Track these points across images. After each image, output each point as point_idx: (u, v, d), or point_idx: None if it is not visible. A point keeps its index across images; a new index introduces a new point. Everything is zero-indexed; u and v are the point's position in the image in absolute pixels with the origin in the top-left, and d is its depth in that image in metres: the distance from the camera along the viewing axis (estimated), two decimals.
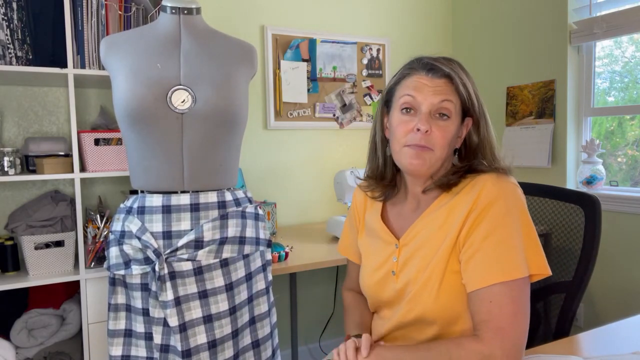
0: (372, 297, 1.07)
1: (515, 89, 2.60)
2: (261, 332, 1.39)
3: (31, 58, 1.71)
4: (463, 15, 2.94)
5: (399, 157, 0.97)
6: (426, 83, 0.94)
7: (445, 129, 0.94)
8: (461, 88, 0.94)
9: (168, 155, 1.30)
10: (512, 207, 0.89)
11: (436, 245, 0.95)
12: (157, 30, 1.36)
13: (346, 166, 2.68)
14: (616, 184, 2.28)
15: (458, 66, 0.97)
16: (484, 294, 0.86)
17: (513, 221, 0.88)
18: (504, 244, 0.87)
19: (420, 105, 0.94)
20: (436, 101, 0.93)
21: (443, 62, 0.96)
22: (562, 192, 1.32)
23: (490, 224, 0.88)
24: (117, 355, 1.31)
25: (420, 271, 0.95)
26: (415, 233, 0.99)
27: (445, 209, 0.96)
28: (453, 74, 0.94)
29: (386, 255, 1.03)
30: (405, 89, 0.97)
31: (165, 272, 1.24)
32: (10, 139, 1.93)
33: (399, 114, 0.97)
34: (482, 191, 0.91)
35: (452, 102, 0.94)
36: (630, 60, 2.23)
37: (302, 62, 2.53)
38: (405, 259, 0.99)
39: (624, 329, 1.05)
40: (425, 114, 0.93)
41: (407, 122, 0.95)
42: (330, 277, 2.67)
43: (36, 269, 1.69)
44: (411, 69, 0.98)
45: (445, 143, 0.94)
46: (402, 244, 1.01)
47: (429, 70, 0.95)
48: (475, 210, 0.90)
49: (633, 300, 2.13)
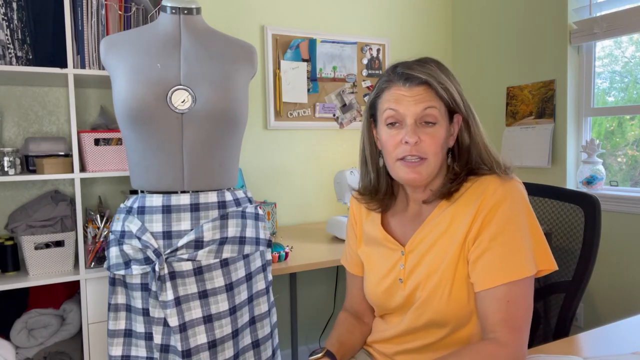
0: (379, 305, 1.06)
1: (515, 89, 2.60)
2: (261, 332, 1.39)
3: (31, 58, 1.71)
4: (463, 15, 2.94)
5: (394, 171, 0.97)
6: (405, 94, 0.93)
7: (434, 135, 0.92)
8: (441, 92, 0.93)
9: (168, 155, 1.30)
10: (518, 207, 0.90)
11: (443, 249, 0.94)
12: (157, 30, 1.36)
13: (346, 166, 2.68)
14: (616, 184, 2.28)
15: (435, 67, 0.94)
16: (500, 292, 0.86)
17: (520, 221, 0.89)
18: (512, 243, 0.88)
19: (405, 117, 0.93)
20: (419, 110, 0.91)
21: (418, 68, 0.93)
22: (562, 192, 1.32)
23: (498, 224, 0.89)
24: (117, 355, 1.31)
25: (429, 276, 0.95)
26: (420, 239, 0.99)
27: (449, 212, 0.96)
28: (430, 79, 0.92)
29: (392, 263, 1.02)
30: (386, 102, 0.95)
31: (165, 272, 1.24)
32: (10, 139, 1.93)
33: (385, 128, 0.96)
34: (487, 193, 0.91)
35: (435, 107, 0.92)
36: (630, 60, 2.23)
37: (302, 62, 2.53)
38: (412, 265, 0.99)
39: (624, 329, 1.05)
40: (411, 125, 0.92)
41: (395, 136, 0.94)
42: (330, 277, 2.66)
43: (36, 269, 1.69)
44: (388, 82, 0.96)
45: (437, 149, 0.93)
46: (408, 251, 1.00)
47: (406, 80, 0.93)
48: (482, 213, 0.90)
49: (633, 300, 2.12)
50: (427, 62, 0.95)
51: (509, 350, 0.83)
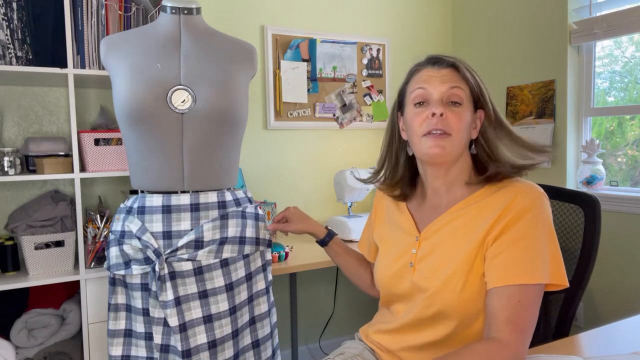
0: (386, 289, 1.08)
1: (515, 89, 2.60)
2: (261, 332, 1.39)
3: (31, 58, 1.71)
4: (463, 15, 2.94)
5: (419, 148, 1.00)
6: (433, 74, 0.99)
7: (460, 114, 0.96)
8: (467, 74, 0.98)
9: (168, 155, 1.30)
10: (542, 218, 0.91)
11: (459, 243, 0.96)
12: (157, 30, 1.36)
13: (346, 166, 2.68)
14: (616, 184, 2.28)
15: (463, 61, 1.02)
16: (512, 292, 0.87)
17: (542, 232, 0.91)
18: (531, 249, 0.89)
19: (432, 95, 0.98)
20: (445, 89, 0.97)
21: (447, 55, 1.02)
22: (562, 192, 1.32)
23: (520, 230, 0.90)
24: (117, 355, 1.31)
25: (441, 267, 0.96)
26: (437, 228, 1.01)
27: (474, 208, 0.97)
28: (457, 62, 0.99)
29: (405, 247, 1.05)
30: (415, 83, 1.01)
31: (165, 272, 1.24)
32: (10, 139, 1.93)
33: (412, 108, 1.01)
34: (516, 199, 0.93)
35: (461, 88, 0.98)
36: (630, 60, 2.23)
37: (302, 62, 2.53)
38: (424, 252, 1.01)
39: (624, 329, 1.05)
40: (437, 100, 0.97)
41: (422, 113, 0.98)
42: (330, 277, 2.67)
43: (36, 269, 1.69)
44: (418, 66, 1.04)
45: (461, 127, 0.96)
46: (422, 237, 1.03)
47: (434, 63, 1.01)
48: (507, 216, 0.92)
49: (633, 300, 2.12)
50: (455, 56, 1.03)
51: (511, 351, 0.83)
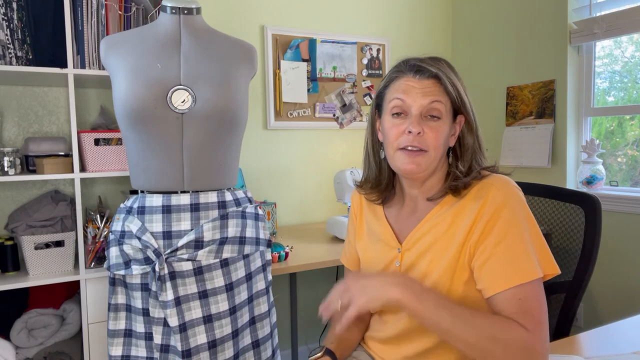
0: None
1: (515, 89, 2.60)
2: (261, 332, 1.39)
3: (31, 58, 1.71)
4: (463, 15, 2.94)
5: (393, 161, 0.97)
6: (414, 85, 0.94)
7: (438, 130, 0.93)
8: (450, 88, 0.94)
9: (168, 156, 1.30)
10: (518, 211, 0.89)
11: (442, 250, 0.94)
12: (157, 30, 1.36)
13: (346, 166, 2.68)
14: (616, 184, 2.28)
15: (446, 65, 0.96)
16: (510, 294, 0.85)
17: (522, 225, 0.88)
18: (516, 247, 0.87)
19: (410, 107, 0.93)
20: (425, 102, 0.92)
21: (430, 62, 0.95)
22: (562, 192, 1.32)
23: (501, 230, 0.88)
24: (117, 355, 1.31)
25: (426, 276, 0.94)
26: (418, 237, 0.98)
27: (450, 213, 0.95)
28: (441, 74, 0.93)
29: (388, 260, 1.02)
30: (394, 92, 0.96)
31: (165, 272, 1.24)
32: (10, 139, 1.93)
33: (390, 117, 0.97)
34: (488, 197, 0.90)
35: (441, 102, 0.93)
36: (630, 60, 2.23)
37: (302, 62, 2.53)
38: (408, 264, 0.98)
39: (624, 329, 1.05)
40: (415, 116, 0.93)
41: (399, 125, 0.95)
42: (330, 277, 2.66)
43: (36, 269, 1.69)
44: (399, 72, 0.97)
45: (438, 143, 0.94)
46: (404, 249, 1.00)
47: (417, 71, 0.94)
48: (484, 218, 0.90)
49: (633, 300, 2.12)
50: (439, 59, 0.97)
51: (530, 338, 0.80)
